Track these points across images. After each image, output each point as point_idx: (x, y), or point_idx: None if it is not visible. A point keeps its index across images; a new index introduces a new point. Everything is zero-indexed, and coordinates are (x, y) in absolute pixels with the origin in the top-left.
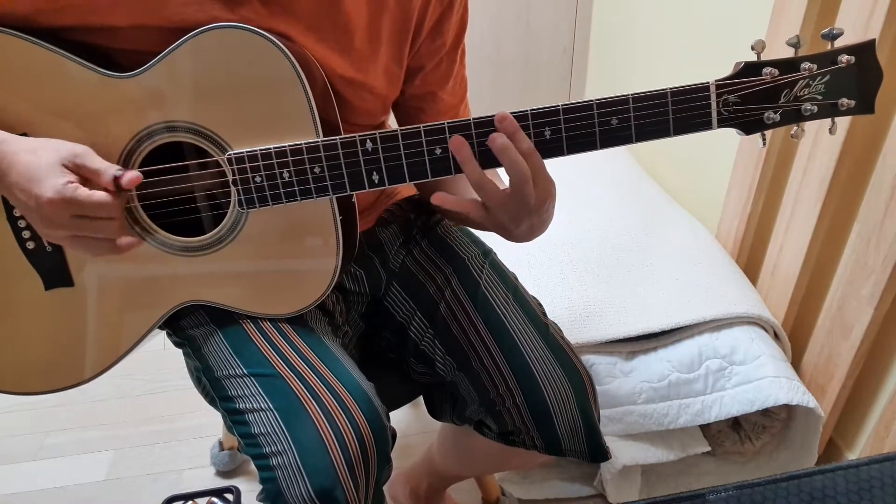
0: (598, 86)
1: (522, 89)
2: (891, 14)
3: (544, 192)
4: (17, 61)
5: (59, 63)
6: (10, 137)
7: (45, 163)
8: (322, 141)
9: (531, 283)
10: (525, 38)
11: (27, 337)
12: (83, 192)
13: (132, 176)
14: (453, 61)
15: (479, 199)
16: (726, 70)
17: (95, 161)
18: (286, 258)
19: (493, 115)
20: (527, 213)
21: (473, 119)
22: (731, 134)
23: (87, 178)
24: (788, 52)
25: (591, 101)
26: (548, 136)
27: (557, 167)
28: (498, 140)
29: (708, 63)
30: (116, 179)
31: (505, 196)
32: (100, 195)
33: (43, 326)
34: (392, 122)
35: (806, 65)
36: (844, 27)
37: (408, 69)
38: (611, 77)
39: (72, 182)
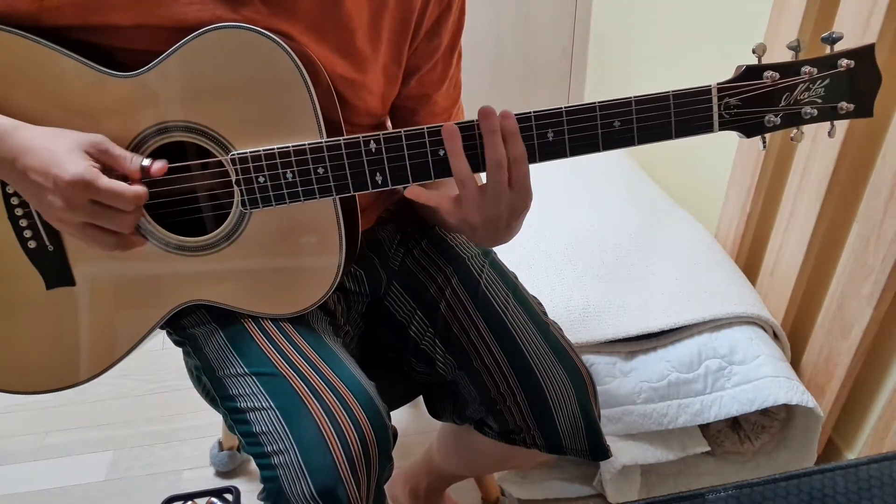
0: (598, 85)
1: (522, 89)
2: (889, 15)
3: (520, 202)
4: (20, 60)
5: (62, 62)
6: (26, 125)
7: (65, 147)
8: (325, 141)
9: (531, 283)
10: (525, 37)
11: (28, 336)
12: (105, 177)
13: (161, 164)
14: (449, 64)
15: (451, 196)
16: (725, 69)
17: (117, 148)
18: (289, 258)
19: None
20: (496, 216)
21: (477, 121)
22: (730, 134)
23: (108, 164)
24: (788, 54)
25: (594, 103)
26: (550, 138)
27: (556, 167)
28: (490, 120)
29: (706, 61)
30: (146, 169)
31: (481, 192)
32: (121, 184)
33: (44, 326)
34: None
35: (806, 68)
36: (843, 29)
37: (405, 70)
38: (610, 77)
39: (94, 166)
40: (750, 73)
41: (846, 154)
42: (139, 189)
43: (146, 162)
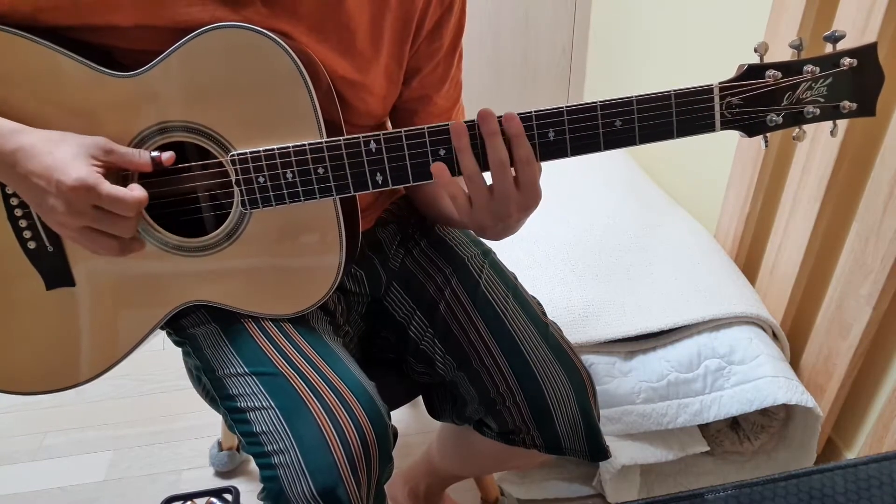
0: (597, 85)
1: (521, 89)
2: (889, 14)
3: (529, 201)
4: (20, 61)
5: (62, 62)
6: (28, 129)
7: (69, 152)
8: (326, 141)
9: (530, 283)
10: (524, 37)
11: (28, 337)
12: (107, 183)
13: (169, 154)
14: (450, 65)
15: (465, 193)
16: (723, 68)
17: (121, 147)
18: (289, 258)
19: (500, 115)
20: (506, 215)
21: (477, 121)
22: (730, 133)
23: (116, 164)
24: (788, 52)
25: (595, 102)
26: (552, 138)
27: (556, 166)
28: (489, 123)
29: (705, 61)
30: (155, 160)
31: (490, 193)
32: (122, 189)
33: (43, 326)
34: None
35: (809, 67)
36: (842, 27)
37: (406, 71)
38: (609, 77)
39: (97, 171)
40: (752, 72)
41: (845, 154)
42: (139, 194)
43: (154, 154)
